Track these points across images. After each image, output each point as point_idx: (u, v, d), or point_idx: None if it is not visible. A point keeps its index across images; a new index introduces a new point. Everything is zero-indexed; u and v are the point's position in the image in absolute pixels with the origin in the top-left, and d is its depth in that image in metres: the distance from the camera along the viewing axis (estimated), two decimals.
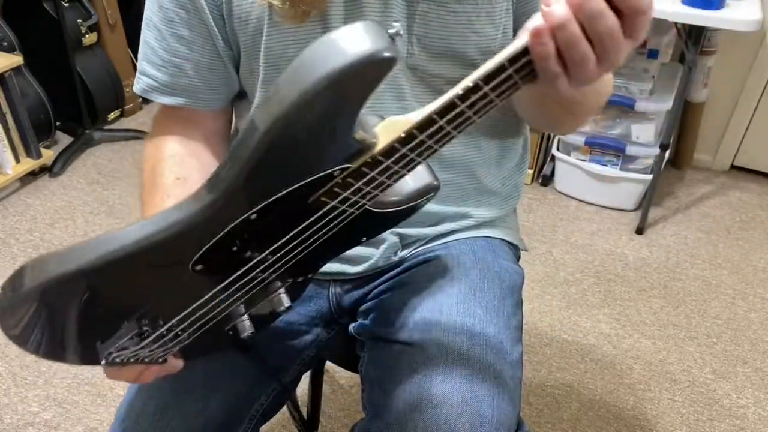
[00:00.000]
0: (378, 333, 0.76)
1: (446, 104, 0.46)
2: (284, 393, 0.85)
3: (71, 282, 0.51)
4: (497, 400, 0.65)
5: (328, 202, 0.53)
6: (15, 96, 2.06)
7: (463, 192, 0.81)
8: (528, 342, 1.62)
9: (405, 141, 0.49)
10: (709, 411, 1.46)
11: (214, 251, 0.53)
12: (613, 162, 2.08)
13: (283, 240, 0.55)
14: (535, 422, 1.42)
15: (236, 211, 0.51)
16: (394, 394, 0.67)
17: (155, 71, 0.74)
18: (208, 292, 0.58)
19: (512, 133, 0.84)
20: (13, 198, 2.12)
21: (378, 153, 0.50)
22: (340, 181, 0.52)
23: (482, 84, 0.45)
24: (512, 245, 0.89)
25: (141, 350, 0.61)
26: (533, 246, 1.97)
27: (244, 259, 0.56)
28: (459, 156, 0.78)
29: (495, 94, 0.46)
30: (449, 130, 0.49)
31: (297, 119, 0.45)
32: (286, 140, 0.47)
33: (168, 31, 0.71)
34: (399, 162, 0.51)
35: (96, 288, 0.52)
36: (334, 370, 1.51)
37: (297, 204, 0.53)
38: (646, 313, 1.73)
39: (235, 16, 0.69)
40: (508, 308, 0.75)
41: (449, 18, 0.68)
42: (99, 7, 2.40)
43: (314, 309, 0.85)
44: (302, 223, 0.55)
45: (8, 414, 1.41)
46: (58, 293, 0.52)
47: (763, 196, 2.26)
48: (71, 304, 0.53)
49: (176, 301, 0.58)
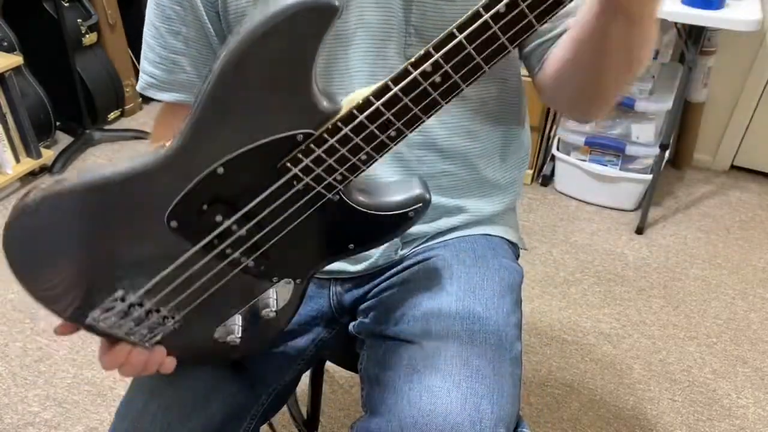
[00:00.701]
0: (378, 331, 0.76)
1: (400, 72, 0.50)
2: (284, 392, 0.86)
3: (61, 199, 0.55)
4: (497, 397, 0.65)
5: (291, 169, 0.55)
6: (15, 96, 2.06)
7: (462, 183, 0.81)
8: (528, 342, 1.62)
9: (362, 108, 0.52)
10: (709, 411, 1.46)
11: (184, 206, 0.56)
12: (613, 162, 2.08)
13: (250, 205, 0.57)
14: (535, 422, 1.42)
15: (203, 160, 0.54)
16: (394, 392, 0.67)
17: (153, 68, 0.75)
18: (182, 254, 0.59)
19: (512, 123, 0.83)
20: (13, 198, 2.12)
21: (338, 119, 0.52)
22: (304, 148, 0.54)
23: (433, 52, 0.49)
24: (512, 243, 0.89)
25: (124, 322, 0.62)
26: (533, 246, 1.97)
27: (214, 223, 0.57)
28: (458, 147, 0.78)
29: (446, 62, 0.49)
30: (407, 102, 0.51)
31: (250, 51, 0.49)
32: (242, 75, 0.50)
33: (165, 28, 0.73)
34: (359, 132, 0.53)
35: (84, 220, 0.56)
36: (333, 369, 1.51)
37: (264, 166, 0.55)
38: (646, 313, 1.73)
39: (231, 13, 0.70)
40: (507, 306, 0.75)
41: (446, 8, 0.69)
42: (99, 7, 2.40)
43: (315, 308, 0.85)
44: (268, 188, 0.56)
45: (8, 414, 1.41)
46: (51, 210, 0.55)
47: (762, 196, 2.26)
48: (66, 233, 0.56)
49: (154, 262, 0.59)
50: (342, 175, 0.56)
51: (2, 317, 1.66)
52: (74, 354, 1.56)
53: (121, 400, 0.74)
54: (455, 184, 0.81)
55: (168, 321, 0.64)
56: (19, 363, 1.53)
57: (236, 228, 0.58)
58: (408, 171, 0.76)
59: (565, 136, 2.12)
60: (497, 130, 0.81)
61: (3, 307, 1.69)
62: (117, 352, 0.65)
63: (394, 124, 0.52)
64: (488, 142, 0.81)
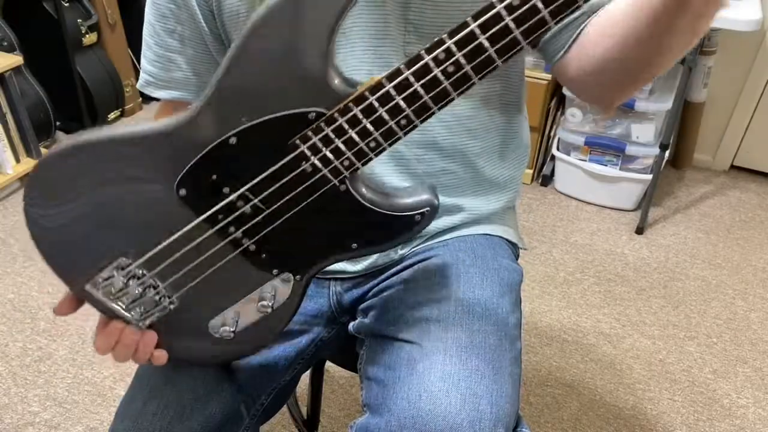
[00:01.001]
0: (377, 330, 0.76)
1: (413, 57, 0.51)
2: (284, 392, 0.86)
3: (88, 149, 0.58)
4: (496, 397, 0.65)
5: (300, 146, 0.56)
6: (15, 96, 2.06)
7: (460, 181, 0.81)
8: (528, 342, 1.62)
9: (373, 89, 0.52)
10: (708, 411, 1.46)
11: (195, 174, 0.58)
12: (612, 162, 2.08)
13: (257, 179, 0.58)
14: (535, 422, 1.42)
15: (217, 128, 0.56)
16: (393, 392, 0.67)
17: (151, 66, 0.76)
18: (186, 225, 0.60)
19: (512, 121, 0.83)
20: (13, 198, 2.12)
21: (349, 99, 0.53)
22: (315, 127, 0.55)
23: (446, 39, 0.49)
24: (511, 243, 0.89)
25: (122, 294, 0.64)
26: (533, 246, 1.97)
27: (221, 194, 0.58)
28: (457, 145, 0.78)
29: (458, 50, 0.50)
30: (417, 88, 0.51)
31: (274, 18, 0.51)
32: (263, 44, 0.52)
33: (160, 26, 0.74)
34: (369, 114, 0.53)
35: (104, 173, 0.59)
36: (334, 369, 1.51)
37: (275, 141, 0.56)
38: (645, 313, 1.73)
39: (226, 13, 0.71)
40: (507, 306, 0.75)
41: (444, 6, 0.68)
42: (99, 7, 2.40)
43: (315, 308, 0.85)
44: (276, 164, 0.57)
45: (8, 414, 1.41)
46: (78, 158, 0.58)
47: (762, 196, 2.26)
48: (87, 184, 0.59)
49: (158, 230, 0.61)
50: (349, 160, 0.56)
51: (2, 317, 1.66)
52: (74, 354, 1.56)
53: (121, 400, 0.75)
54: (454, 183, 0.81)
55: (164, 301, 0.64)
56: (19, 363, 1.54)
57: (242, 204, 0.59)
58: (407, 169, 0.76)
59: (565, 136, 2.12)
60: (498, 128, 0.81)
61: (3, 307, 1.69)
62: (111, 329, 0.65)
63: (404, 110, 0.53)
64: (488, 140, 0.81)
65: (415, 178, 0.77)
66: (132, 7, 2.54)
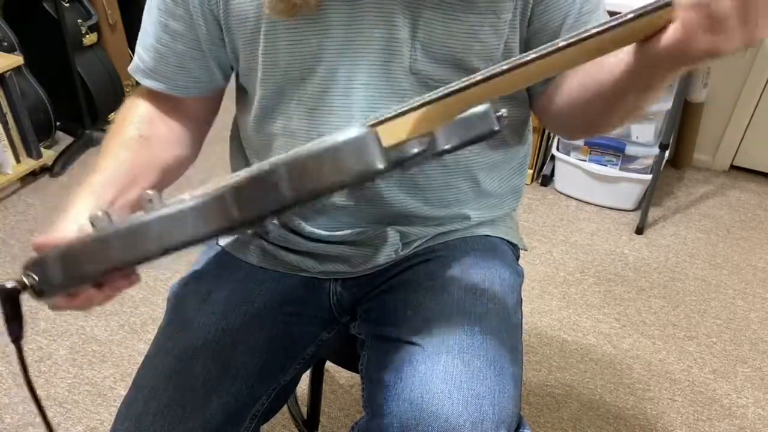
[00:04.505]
0: (378, 331, 0.76)
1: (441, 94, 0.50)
2: (284, 393, 0.86)
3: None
4: (498, 397, 0.65)
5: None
6: (15, 96, 2.06)
7: (463, 196, 0.81)
8: (528, 342, 1.62)
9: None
10: (708, 411, 1.46)
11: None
12: (612, 162, 2.08)
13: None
14: (535, 422, 1.42)
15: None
16: (395, 393, 0.67)
17: (143, 53, 0.77)
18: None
19: (517, 136, 0.84)
20: (13, 198, 2.12)
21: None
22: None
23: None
24: (512, 244, 0.89)
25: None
26: (533, 246, 1.97)
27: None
28: (462, 161, 0.78)
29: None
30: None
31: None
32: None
33: (156, 17, 0.74)
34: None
35: None
36: (334, 370, 1.51)
37: None
38: (645, 313, 1.73)
39: (233, 15, 0.70)
40: (508, 306, 0.75)
41: (454, 26, 0.68)
42: (99, 7, 2.40)
43: (315, 308, 0.85)
44: None
45: (9, 414, 1.41)
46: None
47: (762, 196, 2.26)
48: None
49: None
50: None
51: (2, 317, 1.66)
52: (74, 354, 1.56)
53: (122, 401, 0.75)
54: (457, 198, 0.81)
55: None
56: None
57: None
58: (410, 181, 0.76)
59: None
60: (503, 144, 0.82)
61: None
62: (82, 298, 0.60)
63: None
64: (493, 156, 0.81)
65: (418, 191, 0.77)
66: (132, 7, 2.54)
